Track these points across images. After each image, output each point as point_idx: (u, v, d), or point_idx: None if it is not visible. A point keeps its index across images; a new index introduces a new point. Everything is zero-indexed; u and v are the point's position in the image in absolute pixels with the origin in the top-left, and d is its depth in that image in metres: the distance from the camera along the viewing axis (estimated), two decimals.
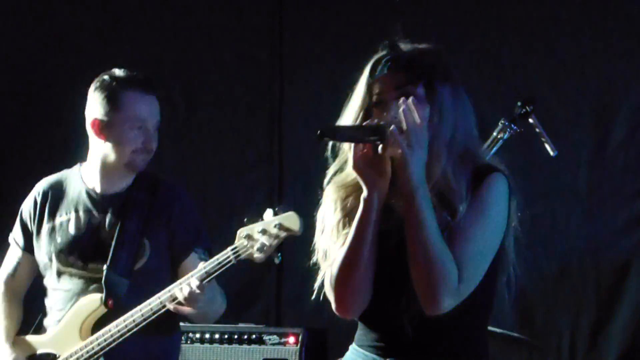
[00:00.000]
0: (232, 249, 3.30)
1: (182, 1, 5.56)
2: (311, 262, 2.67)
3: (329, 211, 2.63)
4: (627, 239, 4.91)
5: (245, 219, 3.28)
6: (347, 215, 2.59)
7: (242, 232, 3.28)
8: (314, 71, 5.29)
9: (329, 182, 2.65)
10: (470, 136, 2.62)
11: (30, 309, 3.72)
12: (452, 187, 2.53)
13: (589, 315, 4.95)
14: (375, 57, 2.61)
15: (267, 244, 3.24)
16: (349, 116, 2.61)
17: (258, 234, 3.24)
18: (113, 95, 3.52)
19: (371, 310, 2.59)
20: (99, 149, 3.58)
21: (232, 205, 5.30)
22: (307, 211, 2.74)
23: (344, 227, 2.59)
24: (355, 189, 2.57)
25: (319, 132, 2.46)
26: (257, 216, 3.27)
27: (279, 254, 3.27)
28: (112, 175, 3.58)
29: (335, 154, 2.66)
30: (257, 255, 3.26)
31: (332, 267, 2.56)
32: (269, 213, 3.24)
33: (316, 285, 2.65)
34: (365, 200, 2.50)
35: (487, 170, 2.58)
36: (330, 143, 2.66)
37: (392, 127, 2.46)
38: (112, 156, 3.55)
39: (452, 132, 2.57)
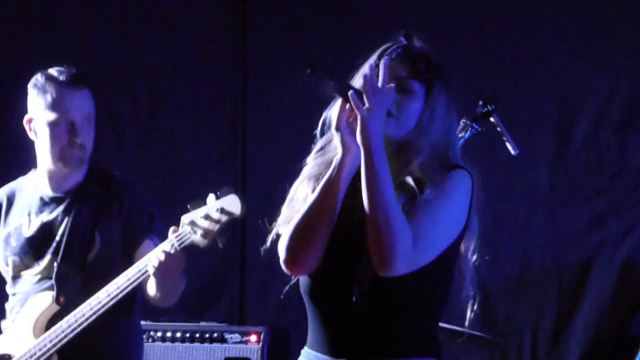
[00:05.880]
0: (176, 236, 3.25)
1: None
2: (271, 226, 2.65)
3: (302, 184, 2.63)
4: (589, 238, 4.95)
5: (189, 205, 3.24)
6: None
7: (185, 218, 3.22)
8: (277, 67, 5.28)
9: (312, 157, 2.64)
10: (454, 147, 2.66)
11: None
12: (427, 176, 2.54)
13: (551, 313, 4.98)
14: (388, 42, 2.63)
15: (210, 229, 3.20)
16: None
17: (201, 220, 3.19)
18: (41, 91, 3.49)
19: (322, 279, 2.57)
20: (37, 149, 3.54)
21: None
22: (270, 207, 2.72)
23: None
24: None
25: (311, 65, 2.42)
26: (202, 201, 3.22)
27: (224, 238, 3.23)
28: (58, 175, 3.53)
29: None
30: (200, 241, 3.24)
31: (291, 222, 2.55)
32: (211, 198, 3.19)
33: (268, 242, 2.64)
34: (338, 161, 2.50)
35: (454, 166, 2.61)
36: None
37: (351, 91, 2.45)
38: (45, 154, 3.51)
39: (439, 137, 2.60)
